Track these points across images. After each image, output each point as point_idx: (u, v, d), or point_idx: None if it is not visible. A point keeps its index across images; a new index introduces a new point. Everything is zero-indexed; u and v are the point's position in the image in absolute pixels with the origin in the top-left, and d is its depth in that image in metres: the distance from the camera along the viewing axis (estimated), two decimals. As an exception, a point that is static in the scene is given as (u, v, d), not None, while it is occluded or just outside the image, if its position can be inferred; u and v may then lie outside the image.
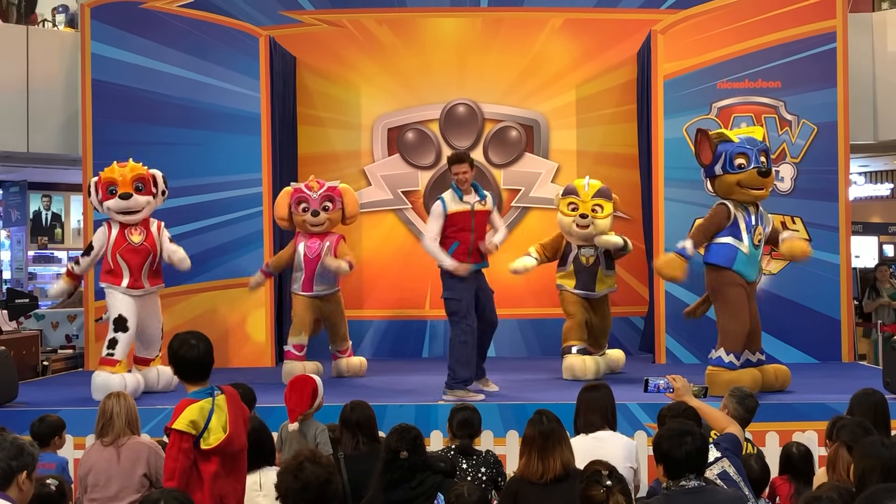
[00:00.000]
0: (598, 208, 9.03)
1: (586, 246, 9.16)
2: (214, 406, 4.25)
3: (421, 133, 11.57)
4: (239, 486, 4.40)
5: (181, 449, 4.16)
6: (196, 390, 4.33)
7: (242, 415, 4.44)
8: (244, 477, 4.47)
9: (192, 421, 4.18)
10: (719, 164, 7.88)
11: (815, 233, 10.27)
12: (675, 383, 4.84)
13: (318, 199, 9.08)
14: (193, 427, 4.18)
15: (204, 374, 4.38)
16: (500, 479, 5.17)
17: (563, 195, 9.25)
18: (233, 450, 4.30)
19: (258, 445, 4.72)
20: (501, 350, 11.11)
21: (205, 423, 4.20)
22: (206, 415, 4.21)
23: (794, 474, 5.27)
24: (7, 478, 3.74)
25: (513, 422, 6.93)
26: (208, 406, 4.24)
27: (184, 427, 4.17)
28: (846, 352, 10.19)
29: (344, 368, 9.50)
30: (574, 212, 9.04)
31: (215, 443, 4.20)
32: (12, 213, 15.36)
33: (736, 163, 7.81)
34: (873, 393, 5.33)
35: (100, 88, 10.52)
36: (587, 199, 9.04)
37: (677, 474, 3.85)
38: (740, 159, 7.81)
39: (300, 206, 9.09)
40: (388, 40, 11.53)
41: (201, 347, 4.40)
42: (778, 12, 10.35)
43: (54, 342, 11.39)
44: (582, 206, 9.02)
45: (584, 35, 11.42)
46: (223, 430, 4.23)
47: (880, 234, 17.50)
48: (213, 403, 4.26)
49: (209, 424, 4.20)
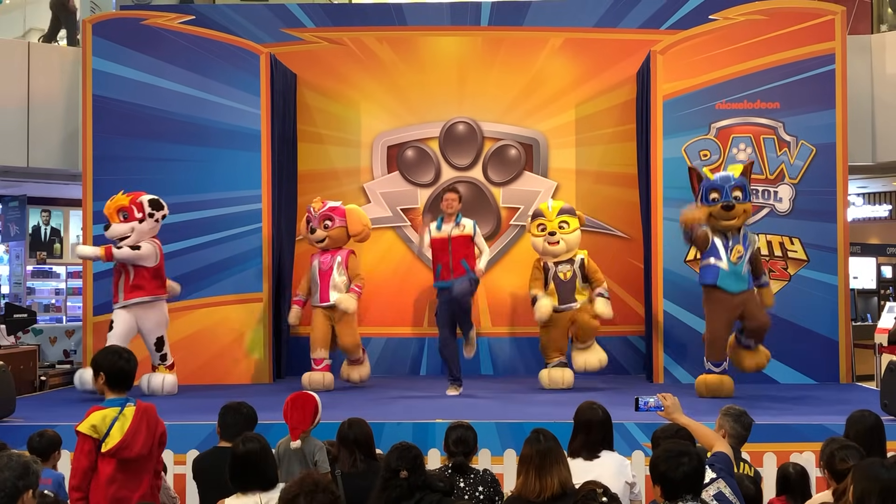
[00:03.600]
0: (565, 224, 9.73)
1: (562, 262, 9.71)
2: (120, 415, 4.64)
3: (420, 151, 11.60)
4: (135, 494, 4.68)
5: (82, 450, 4.60)
6: (111, 398, 4.74)
7: (150, 428, 4.77)
8: (143, 486, 4.76)
9: (94, 425, 4.59)
10: (699, 196, 9.04)
11: (814, 253, 10.30)
12: (665, 401, 4.82)
13: (318, 217, 9.76)
14: (95, 431, 4.58)
15: (128, 385, 4.82)
16: (497, 497, 5.15)
17: (531, 219, 9.96)
18: (128, 457, 4.63)
19: (257, 467, 4.67)
20: (499, 369, 11.12)
21: (107, 429, 4.59)
22: (108, 422, 4.61)
23: (791, 495, 5.25)
24: (13, 497, 3.77)
25: (510, 440, 6.91)
26: (113, 414, 4.63)
27: (86, 430, 4.60)
28: (844, 373, 10.18)
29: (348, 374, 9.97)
30: (543, 232, 9.72)
31: (111, 446, 4.58)
32: (11, 227, 15.36)
33: (710, 196, 8.95)
34: (869, 415, 5.32)
35: (100, 104, 10.55)
36: (552, 218, 9.75)
37: (675, 495, 3.84)
38: (714, 193, 8.95)
39: (308, 227, 9.85)
40: (389, 58, 11.58)
41: (133, 361, 4.88)
42: (777, 34, 10.40)
43: (52, 357, 11.39)
44: (549, 225, 9.72)
45: (583, 55, 11.46)
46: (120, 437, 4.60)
47: (878, 255, 17.47)
48: (120, 413, 4.65)
49: (111, 431, 4.60)
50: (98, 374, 4.80)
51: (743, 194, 8.91)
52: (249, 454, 4.62)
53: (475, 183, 11.55)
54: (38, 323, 11.63)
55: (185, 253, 10.44)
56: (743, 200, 8.91)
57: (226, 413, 5.48)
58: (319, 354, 9.69)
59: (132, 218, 9.17)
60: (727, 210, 8.83)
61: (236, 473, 4.59)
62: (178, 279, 10.26)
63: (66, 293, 15.32)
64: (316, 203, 9.84)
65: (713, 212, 8.89)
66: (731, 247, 8.92)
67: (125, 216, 9.18)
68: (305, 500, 3.73)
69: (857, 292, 14.77)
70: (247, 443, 4.66)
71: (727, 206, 8.82)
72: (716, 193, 8.89)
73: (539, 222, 9.78)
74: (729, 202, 8.82)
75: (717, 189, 8.89)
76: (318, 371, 9.66)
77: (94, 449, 4.59)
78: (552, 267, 9.71)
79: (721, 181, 8.93)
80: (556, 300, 9.66)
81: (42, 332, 11.50)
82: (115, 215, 9.19)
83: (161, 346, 9.39)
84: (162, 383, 9.37)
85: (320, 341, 9.69)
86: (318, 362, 9.70)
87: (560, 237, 9.66)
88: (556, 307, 9.64)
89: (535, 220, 9.84)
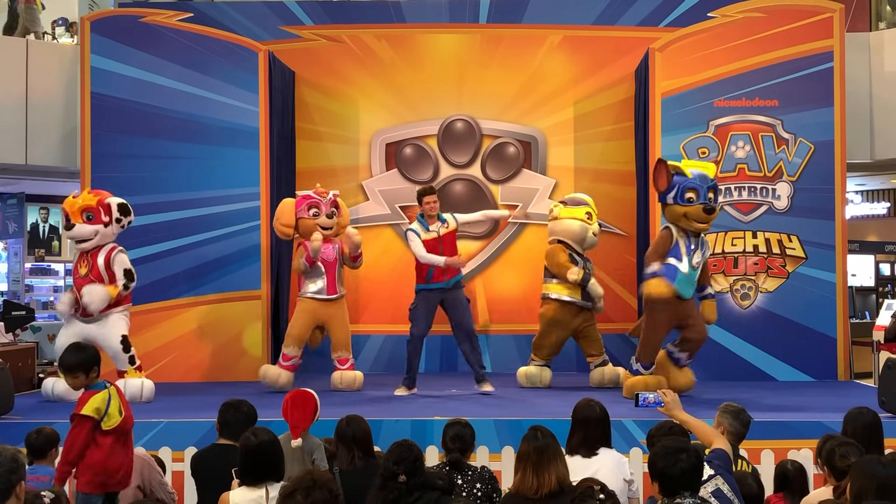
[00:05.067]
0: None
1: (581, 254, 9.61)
2: (111, 395, 5.31)
3: (419, 148, 11.60)
4: (128, 458, 5.39)
5: (83, 430, 5.20)
6: (97, 383, 5.38)
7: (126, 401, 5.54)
8: (132, 451, 5.50)
9: (97, 408, 5.22)
10: (672, 194, 8.48)
11: (812, 251, 10.30)
12: (665, 397, 4.82)
13: (328, 203, 9.46)
14: (97, 413, 5.22)
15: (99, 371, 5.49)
16: (495, 494, 5.15)
17: (571, 205, 9.70)
18: (126, 429, 5.38)
19: (268, 458, 4.69)
20: (496, 366, 11.11)
21: (105, 409, 5.24)
22: (105, 402, 5.27)
23: (789, 492, 5.26)
24: (6, 492, 3.83)
25: (508, 438, 6.92)
26: (106, 395, 5.29)
27: (91, 412, 5.20)
28: (842, 370, 10.19)
29: (337, 381, 9.47)
30: (590, 220, 9.59)
31: (114, 424, 5.25)
32: (10, 225, 15.35)
33: (686, 196, 8.42)
34: (867, 412, 5.33)
35: (99, 102, 10.54)
36: (596, 210, 9.75)
37: (673, 492, 3.85)
38: (690, 193, 8.42)
39: (310, 211, 9.36)
40: (387, 56, 11.58)
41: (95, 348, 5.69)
42: (775, 31, 10.40)
43: (50, 355, 11.37)
44: (595, 217, 9.65)
45: (582, 52, 11.46)
46: (119, 414, 5.30)
47: (876, 252, 17.47)
48: (109, 393, 5.32)
49: (109, 409, 5.26)
50: (77, 373, 5.33)
51: (715, 197, 8.54)
52: (262, 446, 4.66)
53: (473, 180, 11.56)
54: (37, 320, 11.63)
55: (183, 250, 10.44)
56: (714, 202, 8.52)
57: (226, 411, 5.50)
58: (292, 352, 9.33)
59: (98, 220, 8.75)
60: (709, 213, 8.41)
61: (248, 466, 4.61)
62: (177, 276, 10.32)
63: (64, 290, 15.30)
64: (320, 189, 9.50)
65: (688, 212, 8.40)
66: (693, 251, 8.50)
67: (90, 217, 8.74)
68: (303, 496, 3.73)
69: (855, 290, 14.77)
70: (259, 435, 4.71)
71: (709, 208, 8.38)
72: (692, 193, 8.39)
73: (587, 210, 9.62)
74: (710, 205, 8.38)
75: (695, 189, 8.40)
76: (280, 367, 9.32)
77: (94, 428, 5.21)
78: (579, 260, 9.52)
79: (699, 181, 8.46)
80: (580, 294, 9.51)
81: (40, 330, 11.50)
82: (78, 215, 8.74)
83: (128, 347, 8.82)
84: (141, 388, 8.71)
85: (299, 339, 9.36)
86: (287, 359, 9.33)
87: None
88: (577, 301, 9.51)
89: (583, 207, 9.62)
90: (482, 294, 11.41)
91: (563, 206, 9.71)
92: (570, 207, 9.66)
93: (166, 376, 9.98)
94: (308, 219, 9.36)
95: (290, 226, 9.42)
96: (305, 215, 9.38)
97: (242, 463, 4.66)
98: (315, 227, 9.31)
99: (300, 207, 9.39)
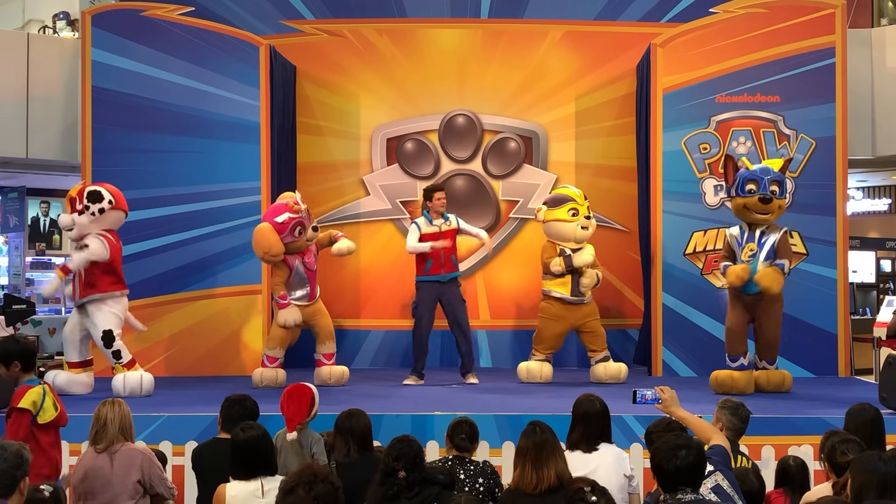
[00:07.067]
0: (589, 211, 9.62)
1: (577, 249, 9.52)
2: (45, 391, 5.49)
3: (420, 143, 11.59)
4: (59, 454, 5.64)
5: (20, 424, 5.36)
6: (28, 379, 5.56)
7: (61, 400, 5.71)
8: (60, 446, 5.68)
9: (34, 401, 5.41)
10: (735, 186, 8.70)
11: (813, 247, 10.29)
12: (662, 394, 4.81)
13: (307, 215, 9.13)
14: (33, 406, 5.39)
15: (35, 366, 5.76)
16: (497, 489, 5.16)
17: (553, 206, 9.61)
18: (62, 424, 5.58)
19: (258, 453, 4.74)
20: (497, 361, 11.12)
21: (41, 403, 5.42)
22: (41, 396, 5.44)
23: (790, 487, 5.26)
24: (11, 487, 3.88)
25: (509, 433, 6.91)
26: (41, 390, 5.48)
27: (28, 405, 5.38)
28: (843, 366, 10.19)
29: (326, 376, 9.36)
30: (576, 217, 9.46)
31: (50, 418, 5.46)
32: (10, 218, 15.36)
33: (746, 188, 8.60)
34: (869, 408, 5.33)
35: (100, 95, 10.51)
36: (583, 202, 9.57)
37: (672, 487, 3.85)
38: (751, 185, 8.59)
39: (296, 231, 9.02)
40: (388, 50, 11.56)
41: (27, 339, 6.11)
42: (777, 27, 10.38)
43: (51, 348, 11.37)
44: (582, 210, 9.49)
45: (583, 47, 11.45)
46: (54, 409, 5.50)
47: (878, 249, 17.48)
48: (44, 389, 5.51)
49: (44, 404, 5.44)
50: (11, 362, 5.54)
51: (780, 189, 8.65)
52: (250, 441, 4.73)
53: (474, 176, 11.54)
54: (37, 314, 11.61)
55: (183, 244, 10.42)
56: (780, 196, 8.65)
57: (230, 406, 5.53)
58: (277, 353, 9.23)
59: (73, 210, 8.78)
60: (764, 203, 8.52)
61: (238, 460, 4.67)
62: (177, 271, 10.28)
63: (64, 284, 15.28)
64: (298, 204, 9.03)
65: (748, 203, 8.58)
66: (744, 244, 8.64)
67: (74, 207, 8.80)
68: (304, 490, 3.74)
69: (856, 286, 14.78)
70: (247, 430, 4.78)
71: (765, 198, 8.50)
72: (753, 185, 8.56)
73: (570, 207, 9.50)
74: (766, 195, 8.51)
75: (756, 180, 8.56)
76: (270, 368, 9.21)
77: (30, 422, 5.39)
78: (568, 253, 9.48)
79: (760, 173, 8.63)
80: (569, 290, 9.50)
81: (41, 324, 11.48)
82: (68, 205, 8.92)
83: (110, 342, 8.66)
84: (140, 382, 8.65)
85: (283, 341, 9.27)
86: (273, 360, 9.22)
87: (593, 221, 9.66)
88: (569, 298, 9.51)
89: (565, 205, 9.52)
90: (483, 289, 11.40)
91: (545, 209, 9.66)
92: (552, 209, 9.59)
93: (167, 370, 10.00)
94: (298, 240, 9.06)
95: (281, 254, 9.07)
96: (294, 237, 9.04)
97: (233, 458, 4.73)
98: (303, 244, 9.14)
99: (285, 232, 8.97)
